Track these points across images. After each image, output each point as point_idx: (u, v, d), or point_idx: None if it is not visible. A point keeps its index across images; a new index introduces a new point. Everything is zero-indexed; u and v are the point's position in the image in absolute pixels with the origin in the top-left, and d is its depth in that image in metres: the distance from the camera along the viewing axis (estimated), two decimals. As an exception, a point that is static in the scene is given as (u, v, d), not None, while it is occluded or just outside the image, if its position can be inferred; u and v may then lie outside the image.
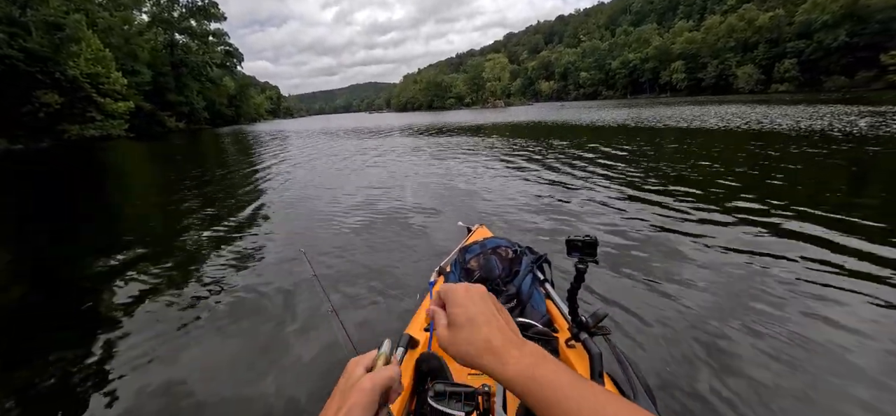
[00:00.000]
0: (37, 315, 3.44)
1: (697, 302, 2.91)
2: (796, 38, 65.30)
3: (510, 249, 2.10)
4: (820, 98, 36.03)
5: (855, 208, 4.83)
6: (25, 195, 9.85)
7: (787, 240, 3.98)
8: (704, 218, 4.78)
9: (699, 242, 4.06)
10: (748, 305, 2.84)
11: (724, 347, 2.41)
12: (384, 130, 27.65)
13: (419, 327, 1.69)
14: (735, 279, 3.23)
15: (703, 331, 2.57)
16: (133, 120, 37.75)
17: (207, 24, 62.43)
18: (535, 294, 1.82)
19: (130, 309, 3.32)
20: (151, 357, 2.64)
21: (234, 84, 76.40)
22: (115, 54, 36.48)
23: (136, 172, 13.94)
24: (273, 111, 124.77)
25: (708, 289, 3.09)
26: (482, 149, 13.03)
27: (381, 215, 5.74)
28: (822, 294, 2.96)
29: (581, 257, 1.26)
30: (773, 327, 2.57)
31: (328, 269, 3.84)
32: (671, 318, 2.73)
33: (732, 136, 12.78)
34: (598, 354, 1.25)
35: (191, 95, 54.77)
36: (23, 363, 2.69)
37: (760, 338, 2.47)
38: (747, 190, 5.92)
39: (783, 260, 3.52)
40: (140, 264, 4.30)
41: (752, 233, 4.20)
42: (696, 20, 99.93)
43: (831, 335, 2.48)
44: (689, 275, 3.35)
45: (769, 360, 2.29)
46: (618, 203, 5.67)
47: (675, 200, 5.63)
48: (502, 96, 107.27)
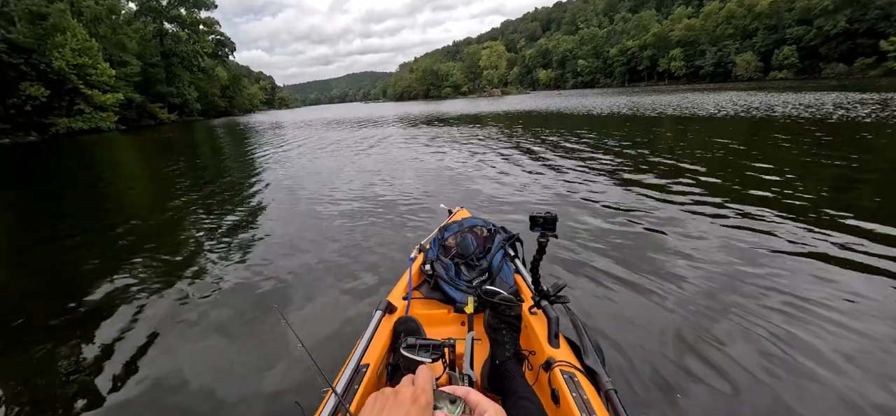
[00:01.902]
0: (23, 313, 3.34)
1: (661, 279, 2.87)
2: (796, 24, 64.65)
3: (485, 228, 2.28)
4: (820, 85, 35.73)
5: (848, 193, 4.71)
6: (11, 191, 9.57)
7: (771, 223, 3.99)
8: (691, 201, 4.78)
9: (679, 226, 4.19)
10: (727, 290, 2.76)
11: (702, 338, 2.29)
12: (379, 119, 27.18)
13: (398, 296, 1.88)
14: (717, 268, 3.07)
15: (679, 312, 2.59)
16: (123, 112, 37.06)
17: (198, 12, 61.01)
18: (505, 268, 2.00)
19: (119, 307, 3.23)
20: (141, 355, 2.58)
21: (227, 74, 75.02)
22: (102, 45, 35.60)
23: (125, 165, 13.56)
24: (268, 102, 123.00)
25: (683, 275, 3.03)
26: (474, 138, 12.91)
27: (371, 201, 5.95)
28: (798, 267, 3.00)
29: (542, 231, 1.43)
30: (755, 322, 2.40)
31: (319, 250, 4.07)
32: (634, 300, 2.88)
33: (730, 123, 12.50)
34: (555, 318, 1.44)
35: (182, 85, 53.75)
36: (10, 361, 2.64)
37: (741, 336, 2.31)
38: (735, 178, 5.75)
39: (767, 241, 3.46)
40: (127, 261, 4.19)
41: (737, 219, 4.11)
42: (694, 7, 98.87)
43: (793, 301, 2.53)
44: (657, 255, 3.44)
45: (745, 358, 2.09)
46: (601, 188, 5.95)
47: (660, 186, 5.68)
48: (499, 85, 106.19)
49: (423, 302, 1.93)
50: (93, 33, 34.87)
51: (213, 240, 4.75)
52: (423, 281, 2.08)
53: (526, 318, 1.60)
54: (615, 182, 6.24)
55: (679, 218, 4.44)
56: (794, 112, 14.66)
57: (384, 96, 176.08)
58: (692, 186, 5.67)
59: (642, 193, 5.51)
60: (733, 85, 54.92)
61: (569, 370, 1.24)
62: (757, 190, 5.31)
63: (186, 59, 56.15)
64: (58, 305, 3.38)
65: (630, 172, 6.84)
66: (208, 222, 5.57)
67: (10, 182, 11.23)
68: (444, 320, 1.81)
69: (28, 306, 3.45)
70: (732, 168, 6.75)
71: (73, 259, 4.58)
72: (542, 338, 1.44)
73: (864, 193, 5.13)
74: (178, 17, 57.39)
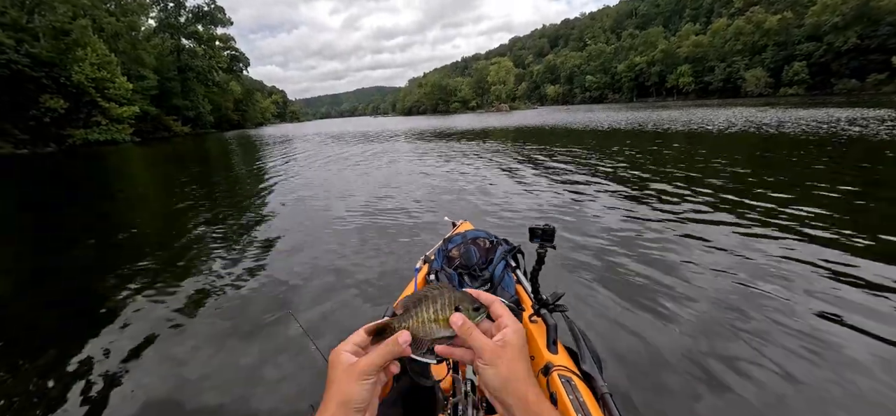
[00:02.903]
0: (37, 318, 3.44)
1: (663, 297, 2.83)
2: (806, 40, 64.48)
3: (488, 239, 2.33)
4: (831, 101, 35.39)
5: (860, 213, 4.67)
6: (29, 200, 9.83)
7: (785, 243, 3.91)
8: (696, 217, 4.76)
9: (683, 241, 4.16)
10: (729, 311, 2.75)
11: (716, 362, 2.27)
12: (387, 134, 27.49)
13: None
14: (720, 289, 3.04)
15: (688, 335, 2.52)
16: (138, 124, 37.95)
17: (214, 28, 62.92)
18: (506, 278, 2.05)
19: (134, 311, 3.32)
20: (148, 361, 2.64)
21: (241, 88, 76.79)
22: (121, 60, 36.71)
23: (139, 177, 13.87)
24: (279, 115, 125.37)
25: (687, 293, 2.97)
26: (480, 153, 12.99)
27: (379, 213, 6.05)
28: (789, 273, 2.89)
29: (541, 243, 1.48)
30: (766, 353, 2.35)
31: (329, 259, 4.20)
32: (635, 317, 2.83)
33: (739, 139, 12.41)
34: (554, 326, 1.47)
35: (196, 99, 55.05)
36: (21, 364, 2.70)
37: (752, 362, 2.28)
38: (748, 194, 5.72)
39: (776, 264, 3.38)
40: (138, 270, 4.31)
41: (746, 235, 4.10)
42: (702, 23, 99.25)
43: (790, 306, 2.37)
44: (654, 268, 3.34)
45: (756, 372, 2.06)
46: (604, 202, 5.98)
47: (664, 200, 5.66)
48: (507, 100, 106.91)
49: None
50: (112, 48, 36.02)
51: (226, 246, 4.88)
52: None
53: (526, 325, 1.65)
54: (619, 197, 6.27)
55: (684, 233, 4.42)
56: (808, 128, 14.53)
57: (393, 111, 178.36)
58: (697, 201, 5.67)
59: (644, 208, 5.52)
60: (743, 101, 54.65)
61: (566, 375, 1.29)
62: (761, 202, 5.30)
63: (202, 74, 57.65)
64: (72, 309, 3.46)
65: (634, 188, 6.85)
66: (220, 229, 5.72)
67: (33, 191, 11.51)
68: None
69: (44, 312, 3.54)
70: (740, 183, 6.70)
71: (89, 264, 4.69)
72: (542, 344, 1.49)
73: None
74: (195, 33, 59.18)
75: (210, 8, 61.31)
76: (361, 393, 0.50)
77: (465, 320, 0.55)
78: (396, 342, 0.54)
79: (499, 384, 0.51)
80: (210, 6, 61.30)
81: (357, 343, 0.56)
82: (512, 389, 0.51)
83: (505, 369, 0.51)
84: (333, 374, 0.52)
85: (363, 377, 0.50)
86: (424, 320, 0.57)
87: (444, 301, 0.58)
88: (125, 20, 42.12)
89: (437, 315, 0.57)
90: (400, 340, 0.54)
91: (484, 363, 0.53)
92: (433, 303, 0.58)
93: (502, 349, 0.53)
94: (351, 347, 0.54)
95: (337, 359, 0.53)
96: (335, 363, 0.52)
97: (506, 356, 0.52)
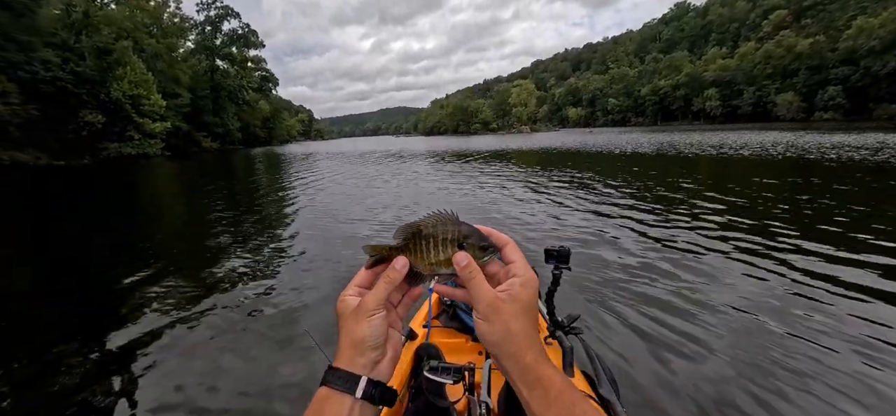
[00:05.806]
0: (58, 322, 3.45)
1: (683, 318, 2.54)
2: (840, 64, 62.12)
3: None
4: (871, 127, 33.68)
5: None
6: (62, 209, 10.17)
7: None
8: (724, 245, 4.34)
9: (707, 270, 3.82)
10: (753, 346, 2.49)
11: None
12: (409, 153, 27.66)
13: (419, 324, 1.93)
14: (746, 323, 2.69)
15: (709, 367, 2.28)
16: (169, 139, 39.59)
17: (247, 51, 66.00)
18: None
19: (155, 318, 3.33)
20: (166, 368, 2.65)
21: (269, 107, 79.72)
22: (158, 78, 38.68)
23: (169, 188, 14.35)
24: (305, 132, 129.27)
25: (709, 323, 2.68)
26: (500, 173, 12.82)
27: (395, 230, 5.95)
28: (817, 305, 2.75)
29: (556, 264, 1.44)
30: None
31: (349, 275, 4.04)
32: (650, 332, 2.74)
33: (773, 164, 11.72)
34: (570, 348, 1.44)
35: (227, 116, 57.34)
36: (39, 365, 2.73)
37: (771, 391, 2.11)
38: (762, 220, 5.32)
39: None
40: (163, 277, 4.31)
41: (763, 264, 3.79)
42: (729, 47, 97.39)
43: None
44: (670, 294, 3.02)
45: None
46: (627, 225, 5.67)
47: (682, 227, 5.27)
48: (528, 122, 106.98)
49: (441, 331, 1.96)
50: (151, 68, 38.04)
51: (247, 259, 4.86)
52: (441, 311, 2.12)
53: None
54: (640, 221, 5.93)
55: (709, 262, 4.09)
56: (854, 154, 13.68)
57: (415, 131, 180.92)
58: (725, 228, 5.28)
59: (668, 232, 5.20)
60: (776, 125, 52.71)
61: None
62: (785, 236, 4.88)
63: (233, 93, 60.21)
64: (90, 312, 3.54)
65: (657, 212, 6.51)
66: (242, 243, 5.71)
67: (57, 201, 11.93)
68: (461, 348, 1.83)
69: (71, 317, 3.54)
70: (761, 210, 6.27)
71: (116, 271, 4.68)
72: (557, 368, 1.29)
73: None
74: (229, 55, 62.16)
75: (244, 31, 64.51)
76: (371, 331, 0.48)
77: (470, 262, 0.50)
78: (394, 268, 0.51)
79: (493, 340, 0.47)
80: (244, 29, 64.53)
81: (359, 284, 0.53)
82: (506, 349, 0.46)
83: (500, 326, 0.46)
84: (342, 321, 0.51)
85: (369, 315, 0.49)
86: (424, 254, 0.52)
87: (447, 235, 0.52)
88: (165, 42, 44.62)
89: (438, 251, 0.51)
90: (396, 266, 0.51)
91: (479, 316, 0.48)
92: (434, 236, 0.52)
93: (502, 303, 0.47)
94: (354, 290, 0.53)
95: (342, 305, 0.51)
96: (342, 309, 0.51)
97: (505, 311, 0.47)
